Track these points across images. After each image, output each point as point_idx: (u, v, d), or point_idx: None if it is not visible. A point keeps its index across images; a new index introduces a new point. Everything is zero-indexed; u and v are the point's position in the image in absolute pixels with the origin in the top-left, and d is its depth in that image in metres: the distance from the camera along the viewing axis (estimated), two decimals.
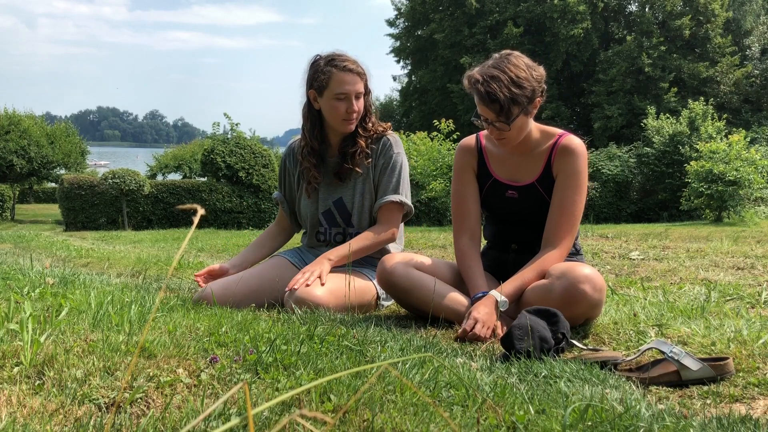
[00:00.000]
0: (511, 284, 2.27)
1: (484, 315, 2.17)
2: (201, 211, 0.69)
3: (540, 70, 2.31)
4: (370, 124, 2.73)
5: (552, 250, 2.31)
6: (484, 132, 2.52)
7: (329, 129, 2.75)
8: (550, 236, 2.34)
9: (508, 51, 2.33)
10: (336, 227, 2.79)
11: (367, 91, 2.71)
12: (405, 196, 2.73)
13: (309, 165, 2.77)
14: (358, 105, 2.66)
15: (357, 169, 2.71)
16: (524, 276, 2.28)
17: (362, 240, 2.67)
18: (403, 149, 2.81)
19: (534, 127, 2.41)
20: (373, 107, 2.76)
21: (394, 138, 2.77)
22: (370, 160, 2.72)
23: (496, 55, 2.31)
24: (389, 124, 2.85)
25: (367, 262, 2.77)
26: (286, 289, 2.53)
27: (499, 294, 2.23)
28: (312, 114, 2.73)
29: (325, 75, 2.63)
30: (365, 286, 2.64)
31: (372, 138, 2.74)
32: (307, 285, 2.48)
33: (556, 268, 2.22)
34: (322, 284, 2.50)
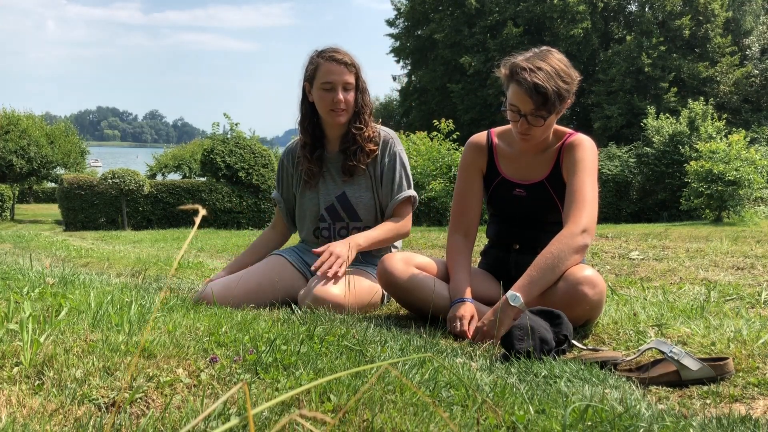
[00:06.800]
0: (521, 279, 2.16)
1: (457, 312, 2.23)
2: (203, 212, 0.69)
3: (576, 72, 2.29)
4: (365, 124, 2.73)
5: (564, 228, 2.21)
6: (496, 130, 2.51)
7: (325, 122, 2.76)
8: (564, 218, 2.26)
9: (547, 47, 2.30)
10: (340, 221, 2.79)
11: (361, 88, 2.70)
12: (412, 189, 2.80)
13: (302, 158, 2.80)
14: (347, 97, 2.65)
15: (362, 166, 2.73)
16: (533, 263, 2.17)
17: (386, 230, 2.70)
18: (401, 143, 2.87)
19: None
20: (369, 106, 2.75)
21: (392, 134, 2.81)
22: (375, 155, 2.74)
23: (536, 49, 2.28)
24: (380, 120, 2.89)
25: (369, 262, 2.78)
26: (312, 268, 2.55)
27: (512, 292, 2.14)
28: (305, 106, 2.77)
29: (313, 65, 2.67)
30: (375, 285, 2.65)
31: (372, 137, 2.74)
32: (329, 276, 2.48)
33: None
34: (341, 276, 2.50)
